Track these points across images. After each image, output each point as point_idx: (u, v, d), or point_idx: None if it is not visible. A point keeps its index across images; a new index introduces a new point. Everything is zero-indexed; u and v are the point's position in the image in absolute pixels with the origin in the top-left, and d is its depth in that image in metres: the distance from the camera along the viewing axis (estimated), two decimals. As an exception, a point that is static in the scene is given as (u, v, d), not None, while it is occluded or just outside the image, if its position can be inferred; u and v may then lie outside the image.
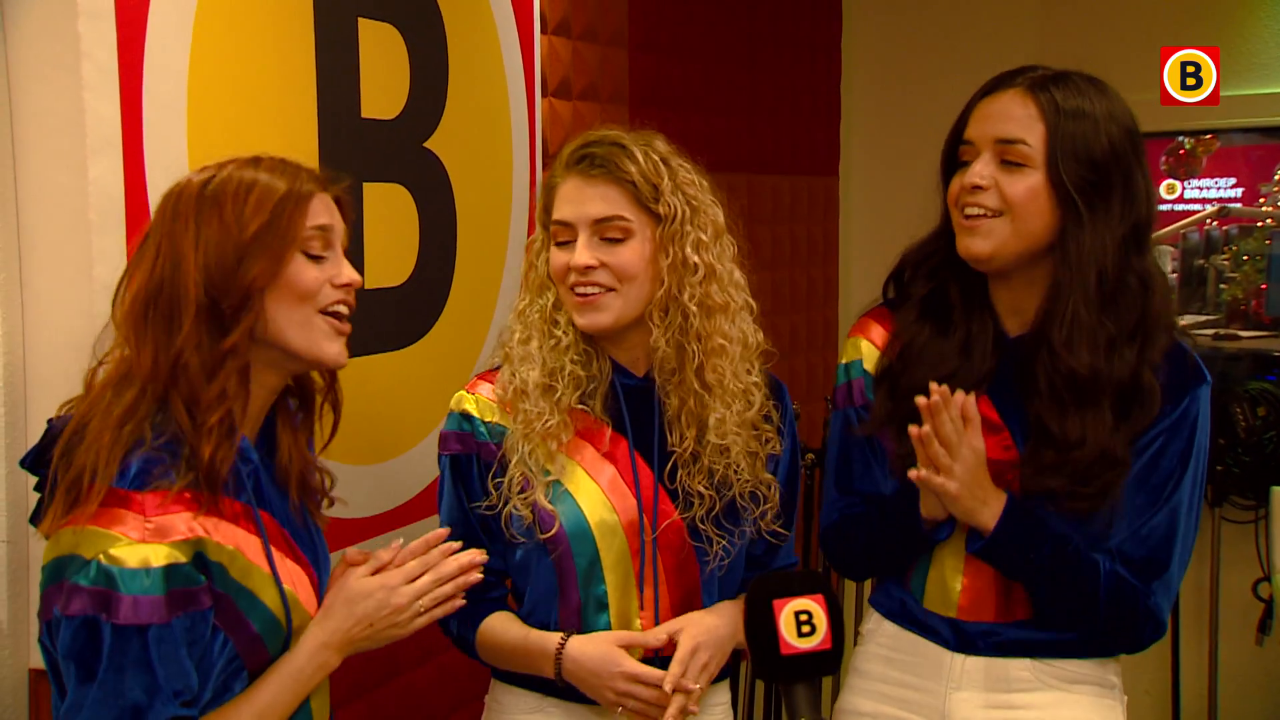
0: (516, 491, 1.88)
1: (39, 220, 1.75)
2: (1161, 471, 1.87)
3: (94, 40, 1.71)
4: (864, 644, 2.10)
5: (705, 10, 3.58)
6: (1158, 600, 1.89)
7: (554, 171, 1.93)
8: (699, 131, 3.49)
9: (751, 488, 1.92)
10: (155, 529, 1.44)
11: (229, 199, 1.54)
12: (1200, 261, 4.00)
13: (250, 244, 1.53)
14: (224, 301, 1.52)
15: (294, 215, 1.56)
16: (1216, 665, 3.86)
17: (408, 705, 2.49)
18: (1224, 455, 3.74)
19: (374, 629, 1.62)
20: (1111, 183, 1.84)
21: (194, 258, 1.52)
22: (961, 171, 1.90)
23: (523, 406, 1.88)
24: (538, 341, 1.91)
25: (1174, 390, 1.87)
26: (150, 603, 1.42)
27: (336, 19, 2.15)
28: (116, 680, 1.41)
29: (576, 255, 1.86)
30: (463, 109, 2.48)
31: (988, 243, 1.86)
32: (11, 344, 1.75)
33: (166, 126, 1.82)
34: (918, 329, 1.95)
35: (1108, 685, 1.97)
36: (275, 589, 1.57)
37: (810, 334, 4.18)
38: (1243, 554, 3.82)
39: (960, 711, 1.96)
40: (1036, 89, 1.86)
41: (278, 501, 1.64)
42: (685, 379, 1.89)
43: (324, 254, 1.60)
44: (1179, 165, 3.98)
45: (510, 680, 1.97)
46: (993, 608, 1.94)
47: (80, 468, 1.44)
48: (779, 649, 1.46)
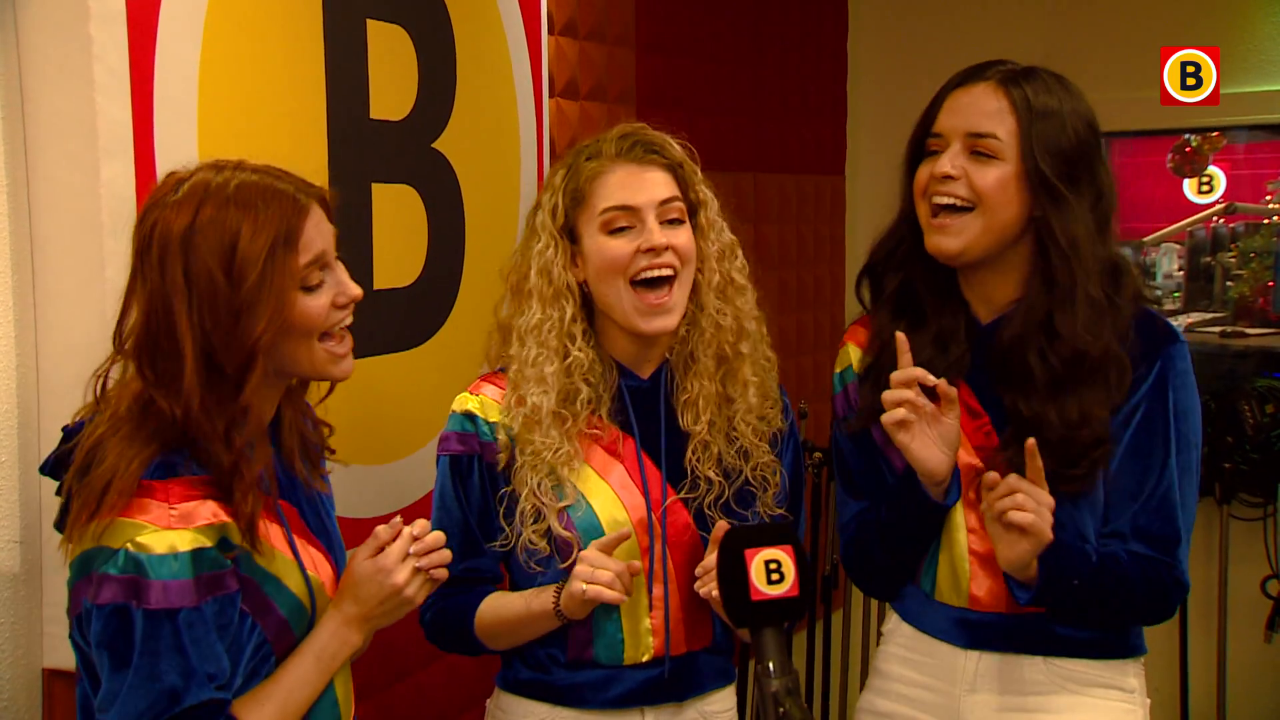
0: (530, 524, 1.85)
1: (51, 222, 1.76)
2: (1153, 436, 1.89)
3: (105, 43, 1.72)
4: (884, 644, 2.10)
5: (712, 10, 3.59)
6: (1181, 566, 1.90)
7: (591, 166, 1.88)
8: (706, 131, 3.49)
9: (760, 471, 1.94)
10: (180, 515, 1.45)
11: (214, 256, 1.47)
12: (1207, 259, 3.99)
13: (246, 300, 1.48)
14: (225, 359, 1.48)
15: (286, 260, 1.50)
16: (1225, 662, 3.86)
17: (417, 705, 2.49)
18: (1232, 453, 3.74)
19: (384, 606, 1.63)
20: (1080, 174, 1.87)
21: (187, 316, 1.47)
22: (929, 161, 1.92)
23: (533, 437, 1.85)
24: (552, 363, 1.86)
25: (1147, 354, 1.89)
26: (179, 587, 1.43)
27: (345, 21, 2.15)
28: (150, 665, 1.42)
29: (651, 236, 1.83)
30: (471, 110, 2.48)
31: (957, 240, 1.88)
32: (24, 346, 1.76)
33: (178, 129, 1.83)
34: (894, 326, 1.95)
35: (1127, 689, 1.95)
36: (299, 574, 1.58)
37: (818, 333, 4.19)
38: (1251, 551, 3.82)
39: (974, 714, 1.95)
40: (1008, 83, 1.88)
41: (293, 489, 1.65)
42: (704, 364, 1.91)
43: (323, 278, 1.57)
44: (1185, 163, 3.98)
45: (518, 690, 1.94)
46: (1005, 597, 1.91)
47: (101, 485, 1.44)
48: (749, 595, 1.53)
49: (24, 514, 1.76)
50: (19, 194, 1.75)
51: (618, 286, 1.86)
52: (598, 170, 1.88)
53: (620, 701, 1.90)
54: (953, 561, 1.95)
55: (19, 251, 1.75)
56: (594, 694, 1.90)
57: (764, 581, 1.53)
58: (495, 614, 1.89)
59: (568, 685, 1.90)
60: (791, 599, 1.53)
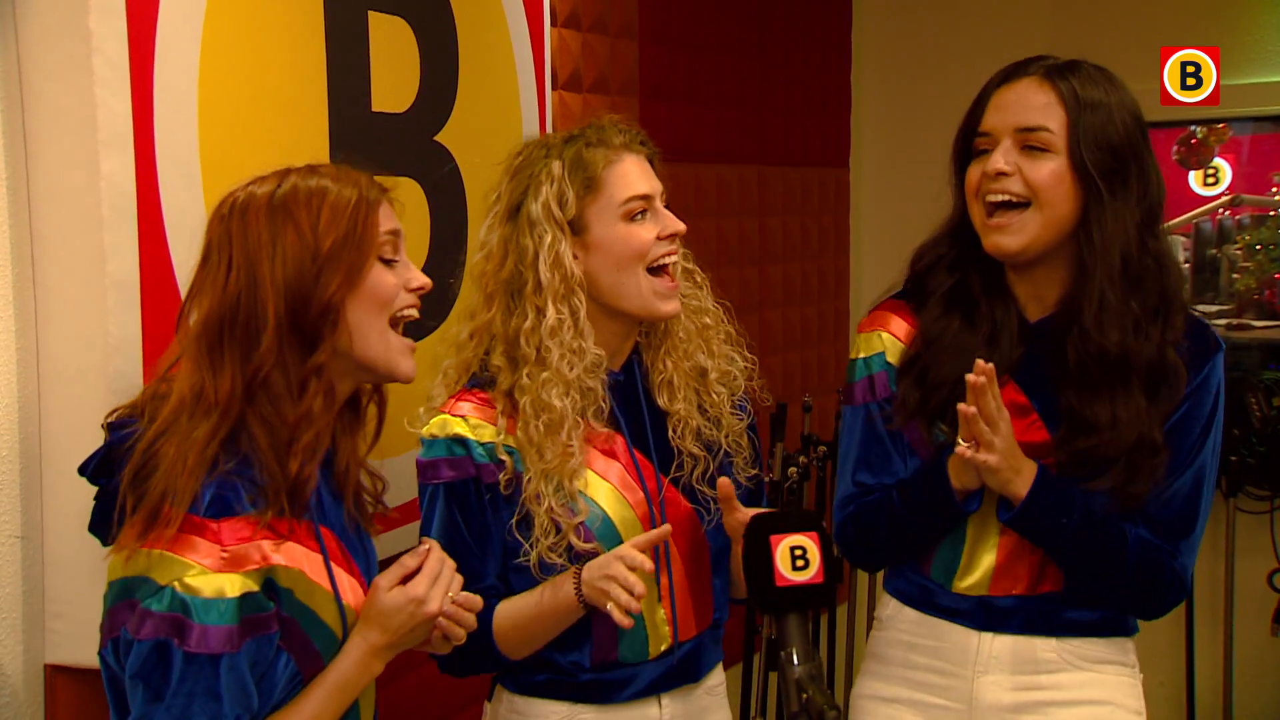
0: (547, 541, 1.82)
1: (51, 216, 1.75)
2: (1188, 436, 1.91)
3: (105, 36, 1.71)
4: (882, 629, 2.11)
5: (715, 2, 3.58)
6: (1183, 561, 1.92)
7: (601, 154, 1.86)
8: (709, 123, 3.48)
9: (733, 437, 1.96)
10: (230, 559, 1.44)
11: (302, 209, 1.51)
12: (1213, 251, 3.98)
13: (329, 254, 1.50)
14: (305, 316, 1.50)
15: (369, 221, 1.54)
16: (1231, 655, 3.85)
17: (417, 704, 2.49)
18: (1239, 446, 3.73)
19: (415, 635, 1.61)
20: (1128, 168, 1.87)
21: (272, 273, 1.49)
22: (980, 160, 1.91)
23: (547, 447, 1.81)
24: (575, 366, 1.82)
25: (1197, 359, 1.91)
26: (223, 633, 1.42)
27: (347, 13, 2.14)
28: (184, 706, 1.41)
29: (671, 223, 1.87)
30: (473, 102, 2.48)
31: (1018, 239, 1.88)
32: (24, 340, 1.75)
33: (178, 122, 1.82)
34: (946, 323, 1.96)
35: (1128, 664, 2.02)
36: (335, 606, 1.56)
37: (822, 326, 4.18)
38: (1257, 544, 3.82)
39: (989, 695, 1.97)
40: (1053, 76, 1.88)
41: (334, 514, 1.63)
42: (675, 341, 1.94)
43: (396, 258, 1.59)
44: (1190, 155, 3.97)
45: (533, 691, 1.91)
46: (1025, 579, 1.95)
47: (159, 493, 1.43)
48: (774, 581, 1.53)
49: (25, 509, 1.75)
50: (19, 188, 1.74)
51: (636, 273, 1.85)
52: (611, 159, 1.86)
53: (641, 694, 1.91)
54: (976, 553, 1.97)
55: (19, 245, 1.75)
56: (617, 691, 1.89)
57: (789, 568, 1.53)
58: (513, 621, 1.84)
59: (591, 683, 1.89)
60: (816, 585, 1.53)
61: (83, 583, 1.75)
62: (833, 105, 4.29)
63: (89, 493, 1.55)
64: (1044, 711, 1.96)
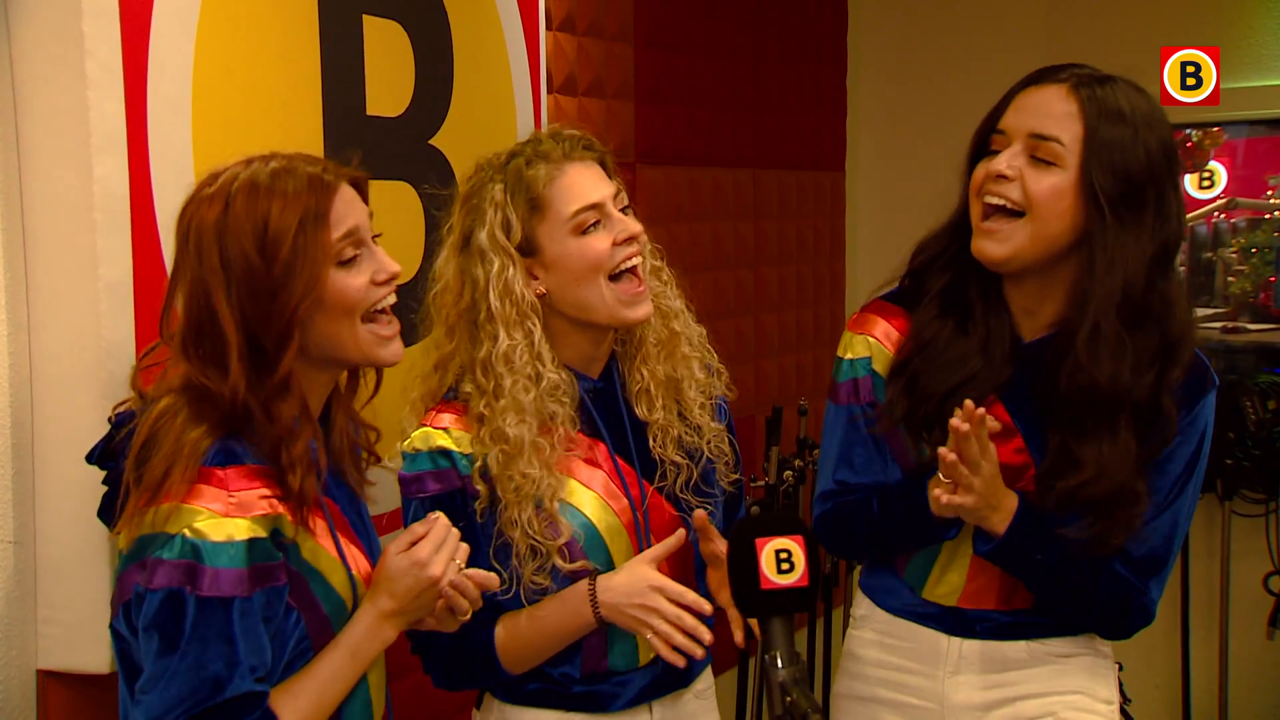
0: (530, 566, 1.80)
1: (44, 219, 1.74)
2: (1169, 476, 1.87)
3: (99, 39, 1.71)
4: (857, 629, 2.11)
5: (710, 5, 3.58)
6: (1152, 595, 1.92)
7: (542, 171, 1.82)
8: (705, 126, 3.48)
9: (714, 443, 1.95)
10: (238, 503, 1.46)
11: (248, 238, 1.50)
12: (1208, 254, 3.99)
13: (280, 277, 1.50)
14: (265, 337, 1.51)
15: (316, 235, 1.53)
16: (1227, 659, 3.85)
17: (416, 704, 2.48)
18: (1234, 449, 3.73)
19: (420, 600, 1.62)
20: (1145, 198, 1.79)
21: (226, 300, 1.50)
22: (989, 159, 1.85)
23: (512, 473, 1.79)
24: (529, 391, 1.80)
25: (1188, 398, 1.86)
26: (234, 576, 1.44)
27: (341, 16, 2.14)
28: (199, 651, 1.43)
29: (626, 226, 1.83)
30: (468, 106, 2.47)
31: (1004, 247, 1.82)
32: (17, 344, 1.75)
33: (171, 125, 1.82)
34: (939, 325, 1.92)
35: (1100, 655, 2.00)
36: (344, 572, 1.59)
37: (817, 329, 4.18)
38: (1253, 547, 3.82)
39: (958, 694, 1.98)
40: (1081, 87, 1.80)
41: (336, 490, 1.65)
42: (648, 349, 1.92)
43: (358, 253, 1.58)
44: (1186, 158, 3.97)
45: (524, 700, 1.90)
46: (994, 598, 1.95)
47: (160, 471, 1.45)
48: (759, 584, 1.52)
49: (18, 514, 1.75)
50: (11, 191, 1.74)
51: (598, 284, 1.83)
52: (552, 174, 1.83)
53: (631, 702, 1.91)
54: (946, 571, 1.97)
55: (11, 248, 1.74)
56: (609, 701, 1.89)
57: (774, 571, 1.52)
58: (517, 637, 1.84)
59: (583, 693, 1.89)
60: (801, 588, 1.53)
61: (75, 588, 1.75)
62: (828, 109, 4.29)
63: (82, 498, 1.56)
64: (1014, 706, 1.97)
